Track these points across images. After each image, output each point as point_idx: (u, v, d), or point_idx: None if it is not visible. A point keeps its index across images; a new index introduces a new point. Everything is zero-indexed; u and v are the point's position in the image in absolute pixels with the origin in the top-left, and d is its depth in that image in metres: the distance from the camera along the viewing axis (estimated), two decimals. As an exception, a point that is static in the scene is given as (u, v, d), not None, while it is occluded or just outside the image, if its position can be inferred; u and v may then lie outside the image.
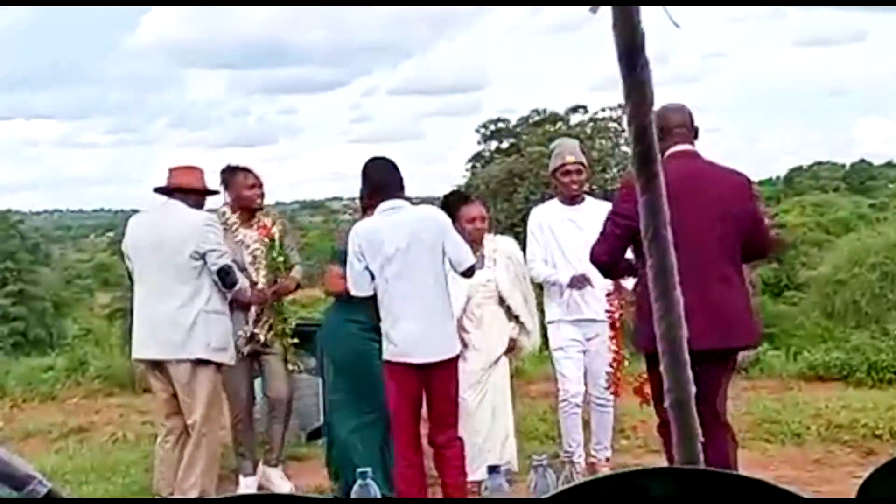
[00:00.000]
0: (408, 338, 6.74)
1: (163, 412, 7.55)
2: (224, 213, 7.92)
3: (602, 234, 6.19)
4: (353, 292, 6.91)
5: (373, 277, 6.73)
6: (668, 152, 5.88)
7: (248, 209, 7.95)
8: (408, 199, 6.96)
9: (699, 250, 5.70)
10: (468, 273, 6.84)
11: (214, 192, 7.81)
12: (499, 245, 8.04)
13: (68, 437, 10.41)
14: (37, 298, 31.82)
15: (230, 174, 7.98)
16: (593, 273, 7.00)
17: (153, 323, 7.38)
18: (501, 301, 7.89)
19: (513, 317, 7.92)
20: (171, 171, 7.58)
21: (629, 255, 6.11)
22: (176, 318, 7.28)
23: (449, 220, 6.90)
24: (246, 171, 8.00)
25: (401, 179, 6.94)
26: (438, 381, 6.77)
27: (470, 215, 7.87)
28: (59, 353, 16.48)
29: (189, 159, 7.65)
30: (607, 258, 6.19)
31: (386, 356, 6.80)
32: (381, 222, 6.78)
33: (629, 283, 6.95)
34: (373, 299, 6.80)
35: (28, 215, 46.40)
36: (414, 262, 6.68)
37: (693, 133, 6.15)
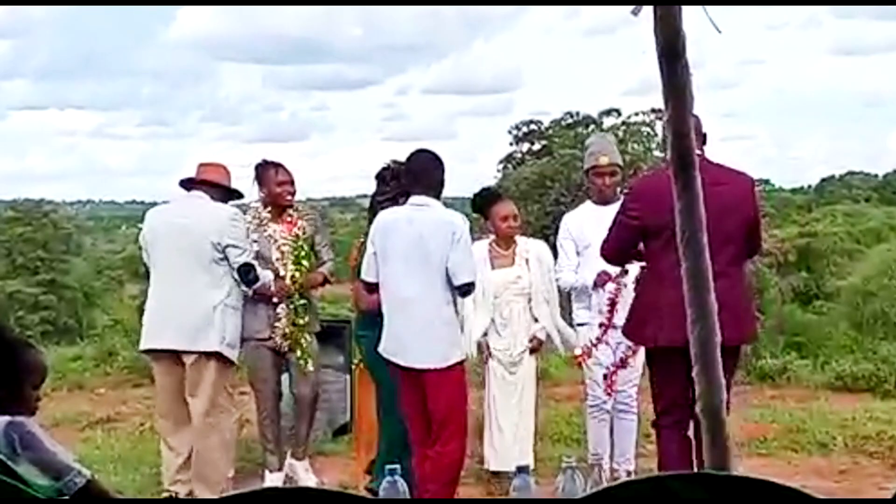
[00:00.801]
0: (396, 339, 6.72)
1: (164, 405, 7.58)
2: (256, 208, 7.95)
3: (611, 231, 6.55)
4: (363, 276, 6.91)
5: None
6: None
7: (278, 205, 7.96)
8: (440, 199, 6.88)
9: (712, 248, 5.75)
10: (463, 290, 6.67)
11: (239, 195, 7.82)
12: (530, 246, 8.04)
13: (96, 427, 10.45)
14: (67, 288, 31.96)
15: (262, 170, 7.99)
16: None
17: (168, 312, 7.38)
18: (528, 300, 7.90)
19: (534, 318, 7.93)
20: (200, 165, 7.61)
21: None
22: (192, 308, 7.28)
23: (466, 232, 6.68)
24: (278, 166, 8.00)
25: (439, 178, 6.81)
26: (431, 388, 6.63)
27: (502, 213, 7.88)
28: (89, 343, 16.55)
29: (221, 153, 7.70)
30: (616, 256, 6.70)
31: (380, 349, 6.82)
32: (402, 216, 6.75)
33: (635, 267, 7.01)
34: None
35: (61, 205, 46.46)
36: (417, 263, 6.62)
37: (702, 139, 6.33)
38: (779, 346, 13.99)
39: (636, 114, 35.96)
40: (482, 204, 8.05)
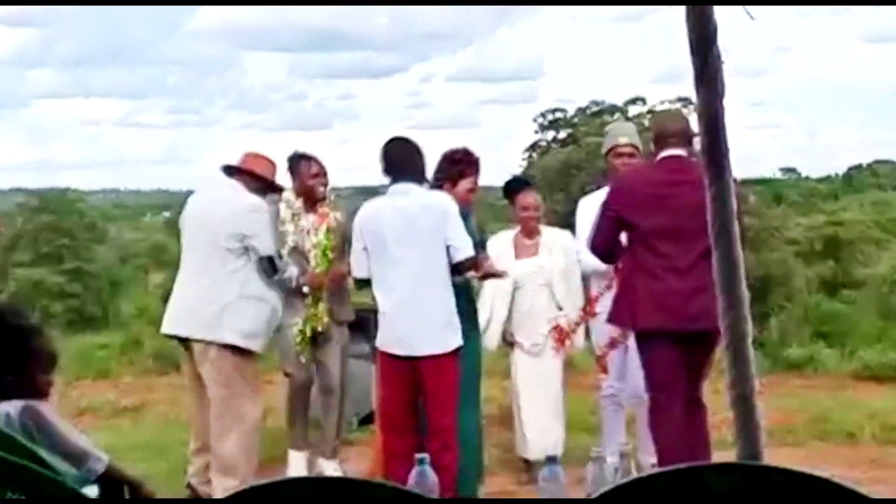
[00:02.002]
0: (392, 328, 6.69)
1: (189, 391, 7.56)
2: (289, 200, 7.95)
3: (597, 225, 6.87)
4: (354, 273, 6.92)
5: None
6: (660, 155, 6.78)
7: (312, 197, 7.97)
8: (424, 182, 6.86)
9: (684, 242, 6.41)
10: (463, 267, 6.65)
11: (280, 189, 7.77)
12: (554, 236, 8.05)
13: (121, 416, 10.49)
14: (93, 276, 32.02)
15: (296, 162, 7.99)
16: None
17: (185, 300, 7.38)
18: (552, 290, 7.90)
19: (558, 307, 7.92)
20: (245, 154, 7.52)
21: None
22: (206, 299, 7.23)
23: (455, 209, 6.66)
24: (311, 159, 8.01)
25: (418, 164, 6.79)
26: (427, 377, 6.59)
27: (523, 203, 7.91)
28: (114, 332, 16.61)
29: (246, 142, 7.63)
30: (603, 248, 6.90)
31: (376, 343, 6.81)
32: (386, 205, 6.74)
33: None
34: None
35: (86, 193, 46.64)
36: (408, 249, 6.60)
37: (689, 140, 6.79)
38: (806, 336, 13.90)
39: (662, 102, 35.83)
40: (509, 192, 8.07)
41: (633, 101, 38.24)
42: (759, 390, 2.37)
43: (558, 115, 40.65)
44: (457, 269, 6.64)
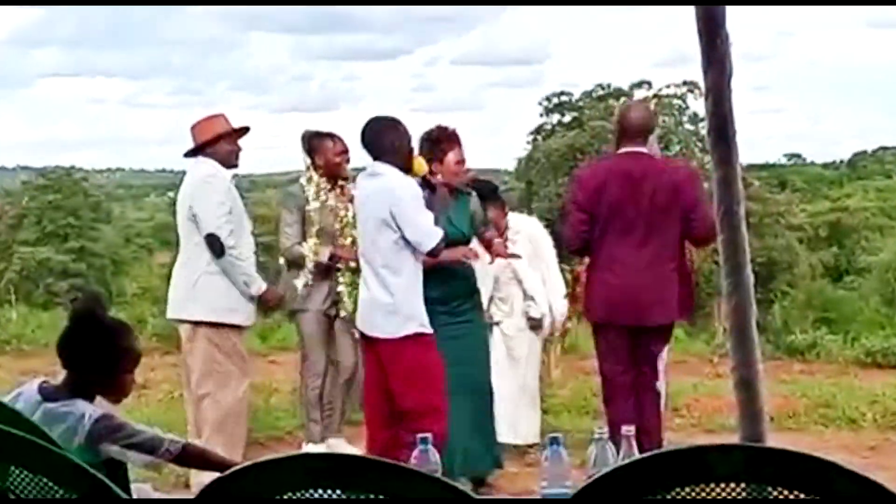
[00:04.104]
0: (359, 306, 6.74)
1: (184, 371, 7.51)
2: (314, 179, 7.87)
3: (567, 222, 7.09)
4: None
5: None
6: (621, 150, 6.93)
7: (337, 175, 7.91)
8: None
9: (639, 235, 6.75)
10: (433, 253, 6.41)
11: (241, 131, 7.49)
12: (521, 225, 8.01)
13: (125, 394, 10.50)
14: (97, 255, 32.13)
15: (318, 140, 7.92)
16: None
17: (171, 282, 7.42)
18: (518, 281, 7.88)
19: (529, 297, 7.90)
20: (192, 129, 7.34)
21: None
22: (178, 278, 7.25)
23: (409, 196, 6.40)
24: (333, 137, 7.94)
25: (391, 142, 6.50)
26: (385, 358, 6.50)
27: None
28: (118, 311, 16.63)
29: (250, 123, 7.43)
30: (577, 244, 7.06)
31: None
32: (359, 187, 6.75)
33: None
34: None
35: (91, 173, 46.56)
36: (363, 233, 6.60)
37: (647, 133, 7.02)
38: (809, 322, 13.92)
39: (667, 86, 35.83)
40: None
41: (639, 84, 38.23)
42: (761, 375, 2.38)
43: (563, 98, 40.62)
44: (429, 255, 6.44)
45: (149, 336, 13.00)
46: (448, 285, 6.85)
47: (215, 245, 7.02)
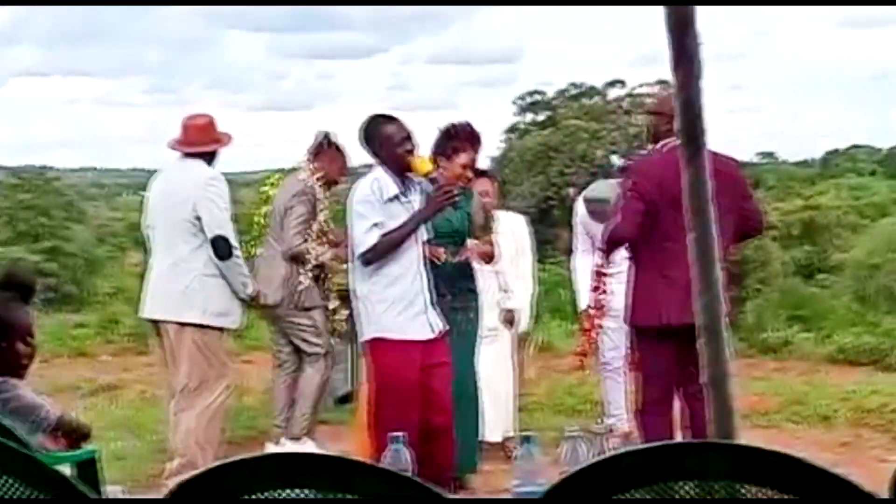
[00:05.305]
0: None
1: (165, 372, 7.49)
2: (312, 185, 7.85)
3: (623, 211, 6.53)
4: None
5: None
6: (670, 143, 6.17)
7: (336, 182, 8.00)
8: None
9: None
10: (363, 261, 6.29)
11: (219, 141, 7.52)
12: (503, 220, 8.01)
13: (98, 394, 10.47)
14: (70, 255, 31.88)
15: (328, 146, 7.94)
16: None
17: (153, 282, 7.34)
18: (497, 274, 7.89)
19: (504, 290, 7.90)
20: (185, 124, 7.38)
21: None
22: (169, 279, 7.18)
23: (356, 201, 6.37)
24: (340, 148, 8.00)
25: (368, 141, 6.48)
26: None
27: (479, 189, 7.53)
28: (91, 310, 16.57)
29: (225, 121, 7.41)
30: (633, 233, 6.50)
31: None
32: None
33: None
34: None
35: (64, 172, 46.36)
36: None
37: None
38: (782, 319, 13.95)
39: (641, 85, 35.81)
40: None
41: (613, 83, 38.18)
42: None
43: (537, 97, 40.54)
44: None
45: (122, 336, 12.97)
46: (449, 285, 6.86)
47: (223, 247, 7.05)
